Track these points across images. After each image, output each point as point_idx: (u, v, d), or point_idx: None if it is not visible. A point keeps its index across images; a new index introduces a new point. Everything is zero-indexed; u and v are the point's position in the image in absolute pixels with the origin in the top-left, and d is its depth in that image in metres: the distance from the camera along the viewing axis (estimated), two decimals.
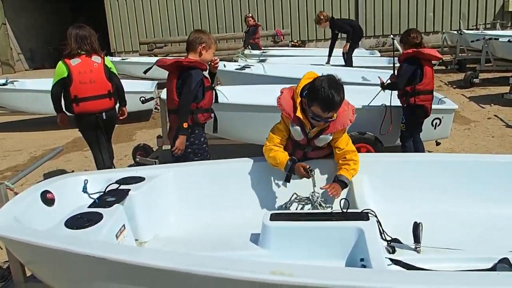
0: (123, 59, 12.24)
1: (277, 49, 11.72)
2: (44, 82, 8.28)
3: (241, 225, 2.63)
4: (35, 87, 7.82)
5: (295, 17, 15.89)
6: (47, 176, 5.49)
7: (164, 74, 10.62)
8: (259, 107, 4.79)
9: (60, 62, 4.05)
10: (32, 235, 2.05)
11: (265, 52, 10.52)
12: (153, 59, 12.69)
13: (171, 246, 2.55)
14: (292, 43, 14.76)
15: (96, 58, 4.11)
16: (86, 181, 2.58)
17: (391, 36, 5.88)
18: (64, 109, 4.22)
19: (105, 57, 4.29)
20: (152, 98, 5.45)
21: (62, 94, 4.09)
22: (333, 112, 2.65)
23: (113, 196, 2.51)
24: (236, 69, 7.48)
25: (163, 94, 5.17)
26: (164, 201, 2.83)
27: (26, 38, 17.96)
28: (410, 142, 4.52)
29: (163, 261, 1.76)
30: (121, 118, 4.62)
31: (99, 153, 4.30)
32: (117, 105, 4.46)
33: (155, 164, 5.21)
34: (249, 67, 7.62)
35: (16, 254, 2.31)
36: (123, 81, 9.56)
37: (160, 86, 9.05)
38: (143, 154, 5.42)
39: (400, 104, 4.54)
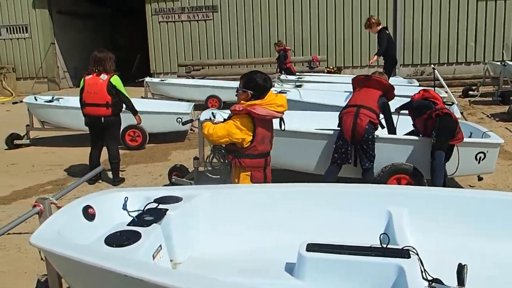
0: (162, 80, 12.58)
1: (313, 75, 11.77)
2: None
3: (276, 252, 2.60)
4: (77, 105, 8.09)
5: (332, 43, 15.96)
6: (82, 189, 5.64)
7: (201, 96, 10.94)
8: (295, 133, 4.78)
9: (82, 78, 5.64)
10: (73, 250, 2.09)
11: (300, 78, 10.59)
12: (191, 81, 13.05)
13: (205, 269, 2.54)
14: (328, 69, 14.81)
15: (103, 76, 5.49)
16: (126, 199, 2.63)
17: (433, 66, 5.81)
18: None
19: (114, 77, 5.54)
20: (191, 120, 5.54)
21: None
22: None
23: (152, 215, 2.55)
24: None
25: (202, 116, 5.26)
26: (200, 222, 2.85)
27: (71, 57, 18.78)
28: (443, 159, 4.34)
29: (197, 286, 1.76)
30: (138, 124, 6.26)
31: (94, 149, 5.82)
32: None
33: (191, 185, 5.30)
34: (285, 93, 7.66)
35: (56, 267, 2.36)
36: (160, 102, 9.85)
37: (196, 108, 9.24)
38: (179, 175, 5.50)
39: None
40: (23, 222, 4.56)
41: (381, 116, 4.64)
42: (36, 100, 8.16)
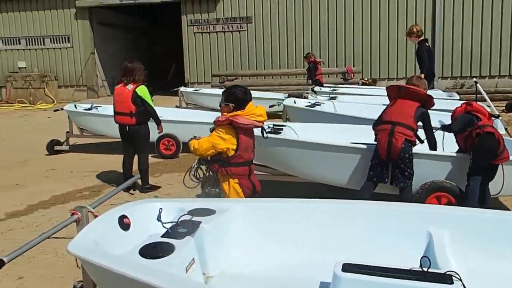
0: (195, 90, 12.76)
1: (347, 87, 11.63)
2: None
3: (309, 270, 2.55)
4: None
5: (367, 54, 15.76)
6: (117, 196, 5.74)
7: None
8: (330, 147, 4.71)
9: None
10: (108, 260, 2.11)
11: (335, 90, 10.49)
12: (220, 91, 13.15)
13: (236, 284, 2.52)
14: (363, 81, 14.62)
15: (129, 86, 5.69)
16: (160, 210, 2.65)
17: (474, 79, 5.62)
18: None
19: (140, 87, 5.69)
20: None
21: None
22: None
23: (185, 227, 2.55)
24: (306, 106, 7.50)
25: None
26: (232, 236, 2.83)
27: (110, 66, 19.33)
28: (477, 184, 4.15)
29: None
30: (159, 132, 6.33)
31: (125, 156, 5.98)
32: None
33: (223, 195, 5.31)
34: (319, 105, 7.60)
35: (91, 275, 2.39)
36: (194, 111, 9.95)
37: None
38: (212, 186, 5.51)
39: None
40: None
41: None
42: (76, 108, 8.42)
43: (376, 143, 4.36)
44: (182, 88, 12.38)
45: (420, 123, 4.37)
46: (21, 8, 18.54)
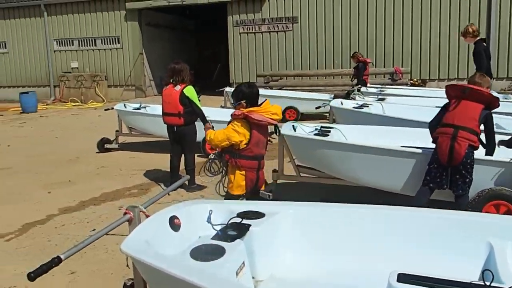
0: None
1: (395, 88, 11.29)
2: None
3: (361, 278, 2.46)
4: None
5: (416, 54, 15.25)
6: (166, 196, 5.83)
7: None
8: (380, 150, 4.56)
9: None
10: (160, 261, 2.12)
11: (382, 91, 10.21)
12: (269, 92, 13.13)
13: None
14: (412, 81, 14.16)
15: (177, 87, 5.74)
16: (210, 211, 2.65)
17: None
18: None
19: (188, 87, 5.74)
20: (272, 133, 5.49)
21: None
22: None
23: (235, 230, 2.53)
24: (354, 107, 7.33)
25: (283, 129, 5.22)
26: (281, 240, 2.78)
27: (157, 66, 19.80)
28: None
29: None
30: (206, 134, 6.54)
31: (173, 156, 6.05)
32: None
33: (269, 197, 5.27)
34: (367, 106, 7.41)
35: (143, 275, 2.41)
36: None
37: None
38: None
39: None
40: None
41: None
42: (125, 107, 8.66)
43: (433, 147, 4.16)
44: (227, 88, 12.46)
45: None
46: (74, 10, 19.34)
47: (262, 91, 12.99)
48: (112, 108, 8.80)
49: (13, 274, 3.83)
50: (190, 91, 5.82)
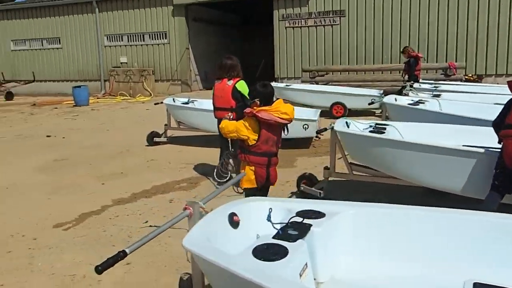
0: (286, 86, 12.69)
1: (450, 84, 10.81)
2: None
3: (429, 286, 2.32)
4: (210, 108, 8.50)
5: (472, 47, 14.56)
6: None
7: (326, 102, 10.82)
8: (440, 149, 4.33)
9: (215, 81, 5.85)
10: (223, 259, 2.08)
11: (437, 87, 9.80)
12: (316, 87, 12.93)
13: None
14: (467, 77, 13.53)
15: (229, 82, 5.66)
16: (270, 210, 2.58)
17: None
18: None
19: (240, 82, 5.66)
20: (325, 129, 5.35)
21: None
22: None
23: (296, 230, 2.45)
24: (408, 104, 7.06)
25: (336, 125, 5.09)
26: (342, 241, 2.68)
27: (202, 61, 20.03)
28: None
29: None
30: None
31: (223, 150, 5.76)
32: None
33: (320, 195, 5.16)
34: (423, 103, 7.12)
35: (204, 271, 2.39)
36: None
37: (322, 114, 9.10)
38: (307, 184, 5.40)
39: None
40: (163, 216, 4.85)
41: None
42: (174, 101, 8.77)
43: (497, 146, 3.90)
44: (273, 83, 12.34)
45: None
46: (124, 6, 19.84)
47: (308, 87, 12.90)
48: (162, 103, 8.94)
49: (72, 263, 3.93)
50: (242, 86, 5.78)
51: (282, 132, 3.92)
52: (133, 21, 19.74)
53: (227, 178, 4.75)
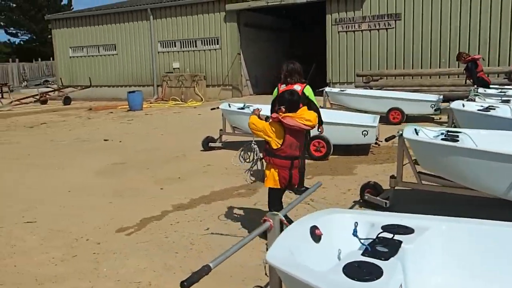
0: (341, 90, 12.39)
1: None
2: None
3: None
4: (266, 113, 8.41)
5: None
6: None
7: (382, 108, 10.43)
8: None
9: (276, 87, 5.63)
10: (314, 277, 1.92)
11: (504, 92, 9.18)
12: (373, 92, 12.54)
13: None
14: None
15: (297, 87, 5.41)
16: (356, 224, 2.39)
17: None
18: None
19: (307, 87, 5.54)
20: (394, 137, 5.06)
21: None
22: None
23: (385, 246, 2.25)
24: (478, 109, 6.62)
25: (405, 132, 4.80)
26: (433, 259, 2.44)
27: (253, 66, 20.05)
28: None
29: None
30: (321, 133, 6.32)
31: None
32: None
33: (386, 204, 4.89)
34: (494, 109, 6.66)
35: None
36: (343, 112, 9.60)
37: (381, 120, 8.76)
38: (372, 192, 5.14)
39: None
40: (224, 224, 4.74)
41: None
42: (229, 107, 8.73)
43: None
44: (327, 89, 12.13)
45: None
46: (177, 13, 20.24)
47: (363, 92, 12.54)
48: (217, 108, 8.93)
49: (136, 269, 3.90)
50: (309, 91, 5.65)
51: (308, 137, 4.22)
52: (186, 27, 20.09)
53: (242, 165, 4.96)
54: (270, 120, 4.11)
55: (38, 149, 9.76)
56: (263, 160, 4.27)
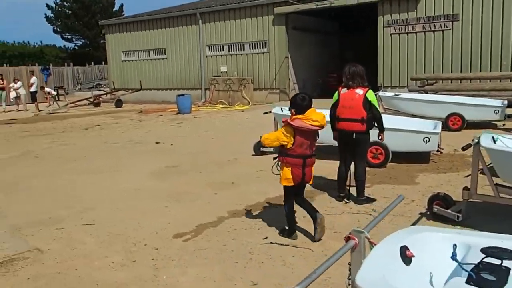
0: (396, 95, 11.92)
1: None
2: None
3: None
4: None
5: None
6: (350, 210, 5.44)
7: (440, 113, 9.84)
8: None
9: (337, 90, 5.53)
10: None
11: None
12: (430, 97, 11.96)
13: None
14: None
15: (359, 91, 5.32)
16: (455, 246, 2.12)
17: None
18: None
19: (369, 91, 5.36)
20: (470, 145, 4.66)
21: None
22: None
23: (492, 274, 1.96)
24: None
25: (482, 140, 4.43)
26: None
27: (301, 69, 19.80)
28: None
29: None
30: (381, 141, 5.97)
31: (343, 164, 5.65)
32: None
33: (458, 218, 4.53)
34: None
35: None
36: (400, 117, 9.16)
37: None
38: (441, 205, 4.79)
39: None
40: (280, 234, 4.53)
41: None
42: (282, 111, 8.54)
43: None
44: (380, 93, 11.70)
45: None
46: (226, 17, 20.34)
47: (419, 96, 11.97)
48: (270, 112, 8.77)
49: (196, 278, 3.78)
50: (372, 96, 5.43)
51: (317, 137, 4.46)
52: (234, 31, 20.15)
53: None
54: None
55: (93, 151, 9.97)
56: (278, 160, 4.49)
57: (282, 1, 18.49)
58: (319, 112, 4.35)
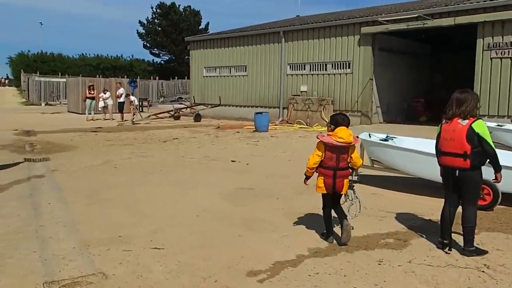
0: (498, 126, 10.60)
1: None
2: (422, 142, 7.73)
3: None
4: (413, 147, 7.31)
5: None
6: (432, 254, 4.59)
7: None
8: None
9: (440, 123, 4.81)
10: None
11: None
12: None
13: None
14: None
15: (463, 121, 4.56)
16: None
17: None
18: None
19: (478, 121, 4.56)
20: None
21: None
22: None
23: None
24: None
25: None
26: None
27: (386, 93, 18.75)
28: None
29: None
30: (497, 182, 4.80)
31: (447, 205, 4.84)
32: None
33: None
34: None
35: None
36: (508, 152, 7.92)
37: None
38: None
39: None
40: (374, 285, 3.80)
41: None
42: (370, 137, 7.80)
43: None
44: (481, 121, 10.43)
45: None
46: (309, 36, 19.93)
47: None
48: (357, 137, 8.03)
49: None
50: (480, 127, 4.56)
51: (349, 151, 4.80)
52: (317, 50, 19.65)
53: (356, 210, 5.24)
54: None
55: (169, 165, 9.86)
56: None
57: (370, 21, 17.70)
58: (347, 130, 4.77)
